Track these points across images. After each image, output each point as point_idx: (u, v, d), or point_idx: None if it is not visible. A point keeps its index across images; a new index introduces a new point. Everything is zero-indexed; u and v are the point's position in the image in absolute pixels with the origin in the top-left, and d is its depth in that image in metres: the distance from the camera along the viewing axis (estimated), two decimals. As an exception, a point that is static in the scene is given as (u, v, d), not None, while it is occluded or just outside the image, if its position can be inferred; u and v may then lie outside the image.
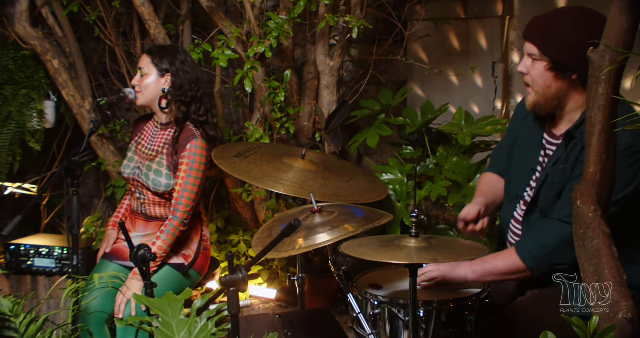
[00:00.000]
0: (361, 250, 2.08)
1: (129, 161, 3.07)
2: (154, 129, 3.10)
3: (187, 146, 2.91)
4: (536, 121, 2.48)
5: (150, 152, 3.02)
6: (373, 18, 4.13)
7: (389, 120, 3.84)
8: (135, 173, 3.00)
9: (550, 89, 2.30)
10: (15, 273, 3.69)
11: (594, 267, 1.81)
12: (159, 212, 3.03)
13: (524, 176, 2.48)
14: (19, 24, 3.96)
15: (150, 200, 3.02)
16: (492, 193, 2.68)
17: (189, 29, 4.15)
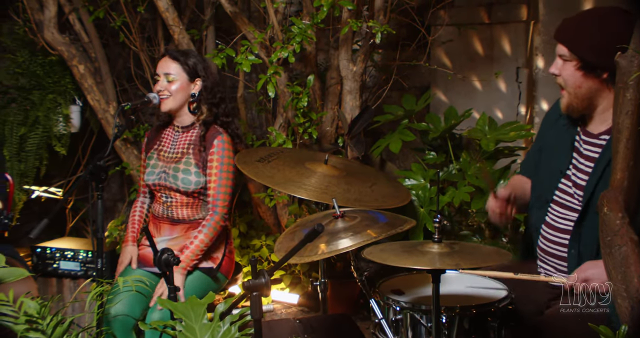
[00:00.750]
0: (384, 256, 2.08)
1: (153, 168, 3.07)
2: (174, 133, 3.11)
3: (215, 142, 2.97)
4: (567, 124, 2.47)
5: (174, 155, 3.04)
6: (396, 23, 4.13)
7: (411, 125, 3.83)
8: (161, 178, 3.01)
9: (581, 88, 2.31)
10: (41, 275, 3.74)
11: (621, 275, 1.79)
12: (186, 213, 3.04)
13: (552, 179, 2.47)
14: (48, 30, 4.02)
15: (178, 202, 3.03)
16: (522, 188, 2.67)
17: (212, 34, 4.18)
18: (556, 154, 2.50)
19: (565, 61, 2.32)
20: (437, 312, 2.06)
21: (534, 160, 2.66)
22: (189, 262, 2.91)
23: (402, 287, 2.48)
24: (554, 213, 2.46)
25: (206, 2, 4.12)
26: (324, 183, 2.63)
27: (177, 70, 2.98)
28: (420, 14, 4.04)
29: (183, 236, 3.03)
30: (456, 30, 4.35)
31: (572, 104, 2.36)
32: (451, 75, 4.16)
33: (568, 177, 2.43)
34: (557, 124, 2.54)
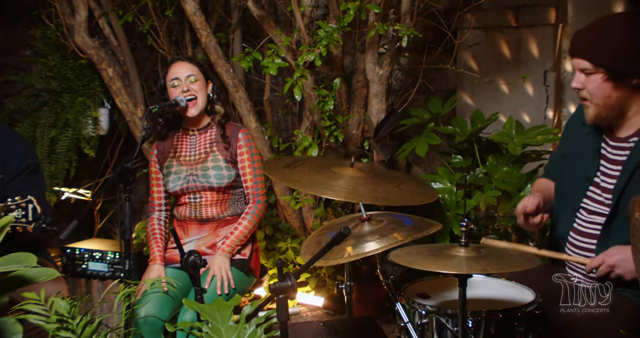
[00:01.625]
0: (410, 259, 2.07)
1: (177, 174, 3.07)
2: (189, 138, 3.12)
3: (239, 135, 3.06)
4: (591, 131, 2.44)
5: (198, 156, 3.06)
6: (423, 26, 4.12)
7: (438, 129, 3.82)
8: (189, 181, 3.03)
9: (610, 98, 2.27)
10: (70, 276, 3.79)
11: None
12: (215, 211, 3.07)
13: (579, 187, 2.44)
14: (78, 34, 4.09)
15: (208, 201, 3.06)
16: (549, 192, 2.64)
17: (239, 37, 4.21)
18: (582, 162, 2.46)
19: (588, 75, 2.26)
20: (464, 316, 2.06)
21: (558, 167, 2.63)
22: (234, 247, 2.98)
23: (428, 290, 2.47)
24: (582, 219, 2.43)
25: (233, 6, 4.15)
26: (351, 184, 2.63)
27: (196, 71, 3.03)
28: (446, 17, 4.03)
29: (212, 234, 3.06)
30: (483, 34, 4.33)
31: (601, 114, 2.30)
32: (478, 78, 4.14)
33: (596, 184, 2.40)
34: (581, 132, 2.49)
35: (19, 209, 2.63)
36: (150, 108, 2.89)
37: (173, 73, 3.02)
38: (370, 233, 2.33)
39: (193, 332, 1.89)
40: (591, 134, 2.44)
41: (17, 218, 2.63)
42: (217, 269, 2.91)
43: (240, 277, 3.00)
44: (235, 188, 3.08)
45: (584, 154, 2.45)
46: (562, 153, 2.62)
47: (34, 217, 2.64)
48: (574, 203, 2.45)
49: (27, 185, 2.99)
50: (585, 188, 2.42)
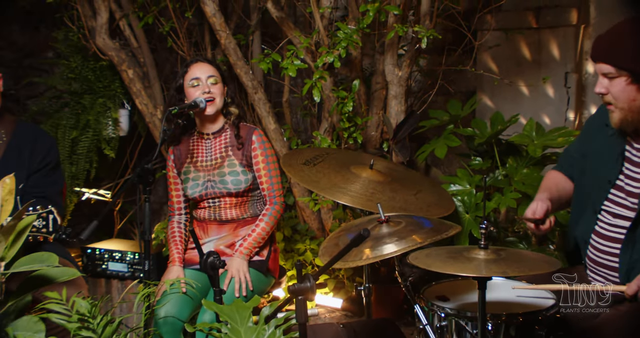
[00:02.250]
0: (429, 261, 2.07)
1: (195, 180, 3.08)
2: (204, 142, 3.12)
3: (253, 138, 3.05)
4: (615, 133, 2.41)
5: (214, 162, 3.07)
6: (442, 28, 4.11)
7: (457, 130, 3.81)
8: (207, 187, 3.04)
9: (635, 101, 2.24)
10: (91, 276, 3.82)
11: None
12: (235, 213, 3.08)
13: (600, 190, 2.41)
14: (99, 36, 4.13)
15: (227, 204, 3.07)
16: (557, 189, 2.61)
17: (258, 38, 4.22)
18: (603, 164, 2.43)
19: (611, 79, 2.24)
20: (483, 319, 2.05)
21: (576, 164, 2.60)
22: (252, 249, 2.98)
23: (447, 293, 2.47)
24: (604, 222, 2.41)
25: (252, 7, 4.17)
26: (369, 190, 2.63)
27: (216, 72, 3.05)
28: (466, 19, 4.02)
29: (231, 234, 3.08)
30: (503, 35, 4.31)
31: (627, 118, 2.27)
32: (498, 80, 4.12)
33: (619, 188, 2.38)
34: (603, 133, 2.46)
35: (40, 219, 2.67)
36: (170, 109, 2.89)
37: (193, 73, 3.03)
38: (388, 235, 2.33)
39: (212, 333, 1.90)
40: (615, 136, 2.41)
41: (38, 228, 2.67)
42: (235, 271, 2.91)
43: (259, 277, 3.01)
44: (254, 190, 3.09)
45: (607, 156, 2.43)
46: (581, 151, 2.59)
47: (54, 228, 2.68)
48: (594, 205, 2.43)
49: (46, 181, 3.03)
50: (607, 191, 2.39)
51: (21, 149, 3.09)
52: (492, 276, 2.10)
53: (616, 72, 2.22)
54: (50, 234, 2.68)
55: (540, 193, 2.59)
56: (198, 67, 3.04)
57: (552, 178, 2.71)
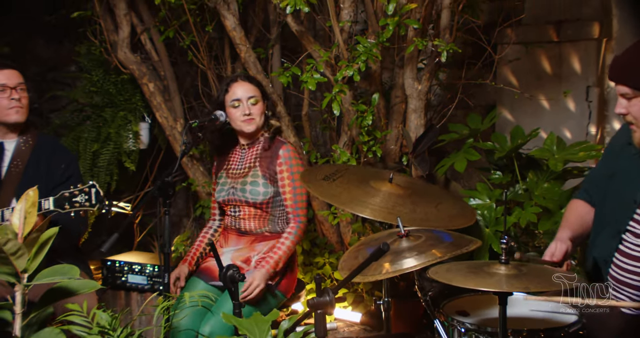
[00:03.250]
0: (450, 276, 2.06)
1: (222, 185, 3.18)
2: (240, 152, 3.20)
3: (280, 152, 3.08)
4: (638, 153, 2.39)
5: (242, 171, 3.12)
6: (462, 42, 4.11)
7: (477, 144, 3.79)
8: (230, 193, 3.10)
9: None
10: (111, 288, 3.84)
11: None
12: (253, 225, 3.11)
13: (625, 210, 2.37)
14: (121, 50, 4.18)
15: (246, 214, 3.11)
16: (580, 225, 2.59)
17: (278, 52, 4.25)
18: (628, 183, 2.40)
19: (630, 99, 2.24)
20: (504, 334, 2.03)
21: (600, 186, 2.57)
22: (276, 267, 2.98)
23: (467, 308, 2.45)
24: (629, 242, 2.37)
25: (272, 21, 4.20)
26: (389, 202, 2.62)
27: (257, 91, 3.10)
28: (486, 33, 4.01)
29: (248, 248, 3.10)
30: (523, 49, 4.30)
31: None
32: (518, 94, 4.10)
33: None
34: (626, 152, 2.44)
35: (82, 194, 2.73)
36: (190, 122, 2.94)
37: (234, 93, 3.09)
38: (408, 250, 2.32)
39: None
40: (638, 155, 2.39)
41: (81, 202, 2.73)
42: (250, 280, 2.91)
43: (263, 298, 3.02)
44: (275, 207, 3.11)
45: (631, 175, 2.39)
46: (608, 173, 2.56)
47: (97, 200, 2.74)
48: (618, 226, 2.39)
49: None
50: (633, 211, 2.36)
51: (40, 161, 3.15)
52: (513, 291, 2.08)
53: (633, 92, 2.22)
54: (93, 206, 2.74)
55: (562, 231, 2.56)
56: (239, 86, 3.09)
57: (575, 210, 2.67)
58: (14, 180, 3.09)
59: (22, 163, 3.13)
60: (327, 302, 1.84)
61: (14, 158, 3.13)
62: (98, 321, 1.96)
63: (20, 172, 3.11)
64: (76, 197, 2.76)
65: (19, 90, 3.09)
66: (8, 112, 3.07)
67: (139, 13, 4.25)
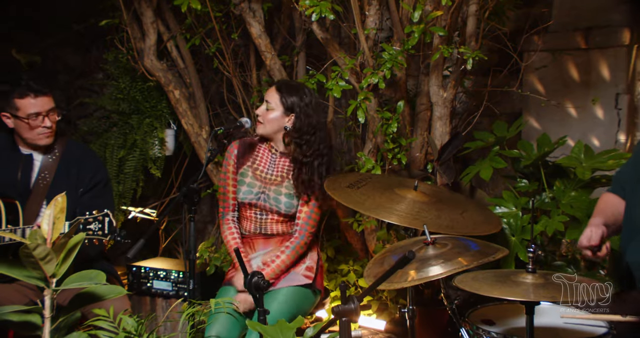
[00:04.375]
0: (476, 285, 2.05)
1: (250, 187, 3.15)
2: (270, 155, 3.19)
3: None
4: None
5: (274, 178, 3.13)
6: (488, 49, 4.10)
7: (503, 152, 3.77)
8: (260, 199, 3.10)
9: None
10: (136, 293, 3.87)
11: None
12: (280, 229, 3.13)
13: None
14: (147, 58, 4.23)
15: (274, 219, 3.13)
16: (612, 213, 2.56)
17: (303, 59, 4.26)
18: None
19: None
20: (531, 344, 2.01)
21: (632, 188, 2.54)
22: (272, 277, 3.01)
23: (493, 317, 2.43)
24: None
25: (298, 29, 4.22)
26: (414, 209, 2.62)
27: (276, 101, 3.09)
28: (512, 40, 3.99)
29: (278, 248, 3.11)
30: (550, 56, 4.26)
31: None
32: (545, 101, 4.07)
33: None
34: None
35: (96, 222, 2.75)
36: (216, 129, 2.96)
37: (266, 95, 3.17)
38: (434, 257, 2.32)
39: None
40: None
41: (94, 230, 2.76)
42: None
43: (307, 295, 3.02)
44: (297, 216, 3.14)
45: None
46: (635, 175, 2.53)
47: (109, 230, 2.76)
48: None
49: (97, 202, 3.11)
50: None
51: (69, 167, 3.19)
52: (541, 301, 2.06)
53: None
54: (105, 236, 2.77)
55: (595, 217, 2.53)
56: (269, 90, 3.17)
57: (607, 200, 2.65)
58: (42, 192, 3.14)
59: (50, 175, 3.18)
60: (352, 310, 1.84)
61: (41, 170, 3.18)
62: (124, 326, 1.98)
63: (48, 184, 3.16)
64: (90, 225, 2.79)
65: (50, 116, 3.16)
66: (39, 136, 3.15)
67: (165, 21, 4.29)
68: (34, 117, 3.09)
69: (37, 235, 1.83)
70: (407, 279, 2.23)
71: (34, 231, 1.83)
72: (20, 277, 1.85)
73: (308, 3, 3.32)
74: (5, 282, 3.04)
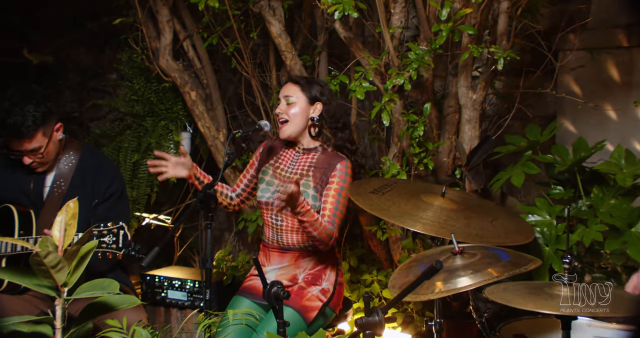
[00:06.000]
0: (507, 296, 2.04)
1: (268, 185, 3.16)
2: (294, 154, 3.20)
3: (337, 166, 3.06)
4: None
5: (292, 175, 3.12)
6: (520, 48, 4.07)
7: (536, 157, 3.74)
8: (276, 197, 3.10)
9: None
10: (150, 303, 3.89)
11: None
12: (295, 239, 3.10)
13: None
14: (163, 57, 4.26)
15: (289, 226, 3.10)
16: None
17: (324, 59, 4.27)
18: None
19: None
20: (567, 361, 1.99)
21: None
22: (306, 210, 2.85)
23: (526, 331, 2.41)
24: None
25: (319, 27, 4.23)
26: (442, 217, 2.61)
27: (296, 92, 3.09)
28: (547, 38, 3.96)
29: (293, 265, 3.10)
30: (588, 55, 4.22)
31: None
32: (581, 103, 4.03)
33: None
34: None
35: (110, 235, 2.75)
36: (234, 133, 2.97)
37: (281, 93, 3.18)
38: (462, 268, 2.31)
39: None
40: None
41: (108, 244, 2.76)
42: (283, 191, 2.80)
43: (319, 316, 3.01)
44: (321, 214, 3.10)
45: None
46: None
47: (124, 244, 2.76)
48: None
49: (112, 213, 3.13)
50: None
51: (85, 176, 3.20)
52: (578, 315, 2.04)
53: None
54: (119, 250, 2.78)
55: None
56: (284, 87, 3.18)
57: None
58: (57, 202, 3.15)
59: (66, 183, 3.19)
60: (376, 322, 1.84)
61: (57, 178, 3.19)
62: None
63: (63, 192, 3.17)
64: (104, 237, 2.80)
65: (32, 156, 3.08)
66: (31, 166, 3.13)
67: (181, 19, 4.32)
68: (14, 153, 3.07)
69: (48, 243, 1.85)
70: (434, 291, 2.21)
71: (44, 238, 1.85)
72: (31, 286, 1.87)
73: (330, 0, 3.32)
74: (15, 294, 3.07)
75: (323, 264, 3.13)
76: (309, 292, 3.03)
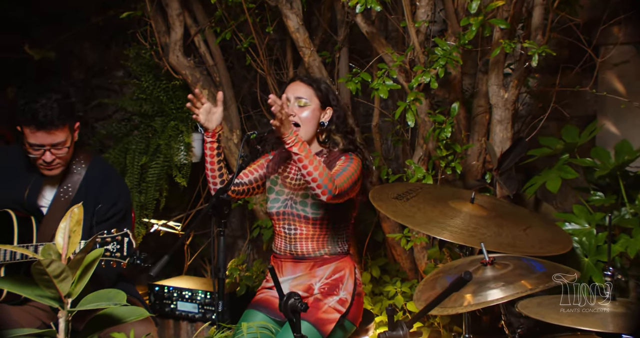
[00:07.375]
0: (542, 311, 2.03)
1: (278, 195, 3.17)
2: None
3: (342, 157, 3.07)
4: None
5: (301, 182, 3.12)
6: (556, 43, 4.05)
7: (573, 161, 3.72)
8: (287, 205, 3.10)
9: None
10: (158, 316, 3.90)
11: None
12: (310, 247, 3.10)
13: None
14: (173, 54, 4.28)
15: (302, 234, 3.10)
16: None
17: (345, 56, 4.27)
18: None
19: None
20: (607, 382, 1.97)
21: None
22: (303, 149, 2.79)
23: (563, 349, 2.40)
24: None
25: (340, 22, 4.23)
26: (471, 224, 2.60)
27: (310, 95, 3.09)
28: (586, 32, 3.93)
29: (307, 274, 3.10)
30: (633, 50, 4.18)
31: None
32: (625, 103, 4.00)
33: None
34: None
35: (114, 243, 2.77)
36: (249, 134, 2.96)
37: (287, 91, 3.14)
38: (493, 280, 2.30)
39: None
40: None
41: (112, 252, 2.78)
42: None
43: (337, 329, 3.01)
44: (334, 223, 3.10)
45: None
46: None
47: (128, 252, 2.77)
48: None
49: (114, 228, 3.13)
50: None
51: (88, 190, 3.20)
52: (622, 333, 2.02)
53: None
54: (124, 259, 2.79)
55: None
56: (293, 85, 3.15)
57: None
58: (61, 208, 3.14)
59: (73, 190, 3.19)
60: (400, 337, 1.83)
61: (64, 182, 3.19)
62: (146, 353, 2.00)
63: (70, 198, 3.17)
64: (108, 245, 2.80)
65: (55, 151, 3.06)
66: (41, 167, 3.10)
67: (193, 13, 4.35)
68: (35, 147, 3.03)
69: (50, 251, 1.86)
70: (463, 304, 2.21)
71: (47, 246, 1.86)
72: (32, 297, 1.88)
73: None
74: (15, 304, 3.09)
75: (340, 272, 3.12)
76: (325, 304, 3.03)
